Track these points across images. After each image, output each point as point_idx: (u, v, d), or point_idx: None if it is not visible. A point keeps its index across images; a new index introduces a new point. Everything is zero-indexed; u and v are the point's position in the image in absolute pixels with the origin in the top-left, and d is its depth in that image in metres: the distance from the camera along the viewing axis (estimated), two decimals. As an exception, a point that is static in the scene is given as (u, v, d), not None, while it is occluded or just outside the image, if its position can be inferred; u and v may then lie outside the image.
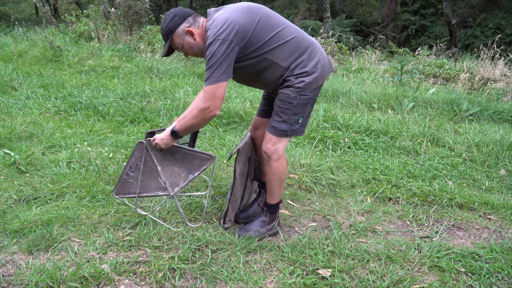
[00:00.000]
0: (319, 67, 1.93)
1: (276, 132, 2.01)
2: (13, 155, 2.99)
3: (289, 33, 1.90)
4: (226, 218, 2.27)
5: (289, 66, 1.90)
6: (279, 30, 1.88)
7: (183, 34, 1.90)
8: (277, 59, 1.89)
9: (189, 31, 1.89)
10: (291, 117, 1.97)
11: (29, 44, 7.06)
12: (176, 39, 1.92)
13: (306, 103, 1.97)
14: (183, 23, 1.90)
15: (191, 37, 1.91)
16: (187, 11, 1.93)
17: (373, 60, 8.13)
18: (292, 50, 1.89)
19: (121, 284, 1.80)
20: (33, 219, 2.23)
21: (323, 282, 1.86)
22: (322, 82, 2.00)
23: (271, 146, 2.02)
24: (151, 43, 7.50)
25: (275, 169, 2.07)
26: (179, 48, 1.96)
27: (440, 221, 2.50)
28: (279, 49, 1.87)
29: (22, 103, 4.36)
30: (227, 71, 1.80)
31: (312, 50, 1.93)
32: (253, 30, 1.82)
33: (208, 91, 1.82)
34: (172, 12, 1.92)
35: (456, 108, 4.74)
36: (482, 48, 7.41)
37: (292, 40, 1.89)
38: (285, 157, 2.10)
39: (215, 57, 1.77)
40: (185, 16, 1.91)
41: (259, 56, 1.88)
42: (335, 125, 3.98)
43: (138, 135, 3.66)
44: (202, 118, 1.88)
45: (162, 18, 1.97)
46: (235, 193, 2.26)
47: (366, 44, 12.26)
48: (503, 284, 1.91)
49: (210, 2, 22.58)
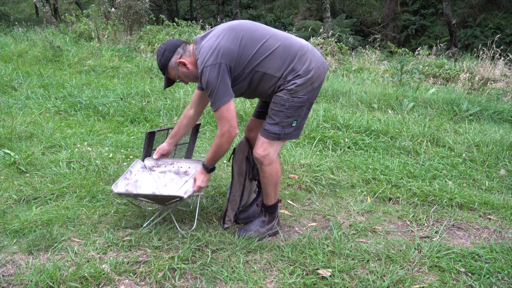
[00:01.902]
0: (312, 69, 1.92)
1: (268, 135, 1.99)
2: (13, 155, 2.99)
3: (274, 43, 1.92)
4: (226, 218, 2.27)
5: (282, 74, 1.92)
6: (264, 42, 1.91)
7: (176, 66, 1.98)
8: (268, 70, 1.92)
9: (181, 62, 1.96)
10: (283, 120, 1.95)
11: (29, 44, 7.06)
12: (171, 71, 2.00)
13: (300, 106, 1.95)
14: (173, 55, 1.97)
15: (184, 67, 1.98)
16: (176, 43, 1.99)
17: (373, 60, 8.13)
18: (281, 58, 1.91)
19: (121, 284, 1.80)
20: (33, 219, 2.23)
21: (323, 282, 1.86)
22: (318, 84, 1.98)
23: (261, 151, 2.01)
24: (151, 43, 7.50)
25: (268, 174, 2.07)
26: (176, 79, 2.04)
27: (440, 221, 2.50)
28: (268, 59, 1.91)
29: (22, 103, 4.36)
30: (227, 92, 1.86)
31: (302, 54, 1.93)
32: (238, 48, 1.87)
33: (219, 117, 1.90)
34: (162, 47, 1.99)
35: (456, 108, 4.74)
36: (482, 48, 7.41)
37: (279, 49, 1.91)
38: (277, 160, 2.09)
39: (210, 83, 1.84)
40: (175, 49, 1.97)
41: (250, 72, 1.92)
42: (335, 125, 3.98)
43: (138, 135, 3.66)
44: (225, 141, 1.94)
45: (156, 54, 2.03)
46: (233, 192, 2.26)
47: (366, 44, 12.26)
48: (503, 284, 1.91)
49: (210, 2, 22.58)
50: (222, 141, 1.94)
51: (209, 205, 2.52)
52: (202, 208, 2.48)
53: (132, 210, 2.41)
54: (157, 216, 2.30)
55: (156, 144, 2.53)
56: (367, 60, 8.16)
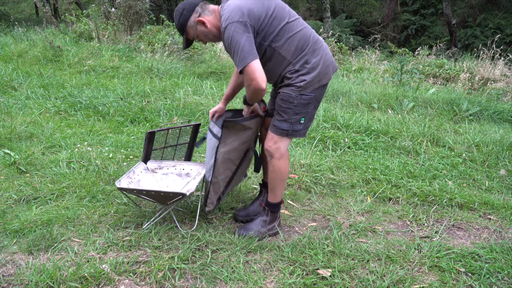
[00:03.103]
0: (320, 64, 1.94)
1: (277, 131, 2.02)
2: (13, 155, 2.99)
3: (297, 26, 1.92)
4: (208, 200, 2.19)
5: (294, 60, 1.92)
6: (290, 21, 1.91)
7: (195, 25, 1.95)
8: (283, 51, 1.91)
9: (200, 21, 1.94)
10: (292, 117, 1.97)
11: (29, 44, 7.06)
12: (190, 31, 1.97)
13: (308, 103, 1.97)
14: (192, 14, 1.94)
15: (203, 25, 1.95)
16: (194, 2, 1.97)
17: (373, 60, 8.13)
18: (299, 43, 1.91)
19: (121, 284, 1.80)
20: (33, 219, 2.23)
21: (323, 282, 1.86)
22: (326, 82, 2.00)
23: (272, 144, 2.03)
24: (151, 43, 7.50)
25: (277, 168, 2.07)
26: (195, 39, 2.00)
27: (440, 221, 2.50)
28: (287, 40, 1.90)
29: (22, 103, 4.36)
30: (252, 51, 1.79)
31: (316, 47, 1.95)
32: (265, 17, 1.85)
33: (244, 76, 1.83)
34: (181, 6, 1.97)
35: (456, 108, 4.74)
36: (482, 48, 7.41)
37: (300, 33, 1.92)
38: (287, 156, 2.10)
39: (235, 40, 1.78)
40: (193, 7, 1.95)
41: (268, 45, 1.90)
42: (335, 125, 3.98)
43: (138, 135, 3.66)
44: (253, 92, 1.88)
45: (174, 14, 2.02)
46: (216, 175, 2.16)
47: (366, 44, 12.26)
48: (503, 284, 1.91)
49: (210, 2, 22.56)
50: (250, 92, 1.89)
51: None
52: (202, 208, 2.48)
53: (132, 210, 2.41)
54: (157, 216, 2.30)
55: (156, 144, 2.53)
56: (367, 60, 8.16)
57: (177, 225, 2.22)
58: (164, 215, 2.34)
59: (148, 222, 2.25)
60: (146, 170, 2.46)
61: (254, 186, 2.81)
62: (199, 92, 4.95)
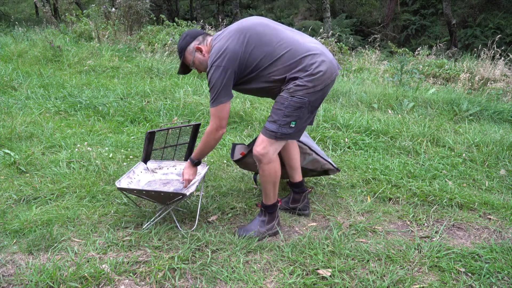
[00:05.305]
0: (315, 73, 1.93)
1: (266, 133, 2.02)
2: (13, 155, 2.99)
3: (280, 50, 1.96)
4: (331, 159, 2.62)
5: (285, 78, 1.97)
6: (271, 48, 1.96)
7: (193, 51, 2.08)
8: (273, 75, 1.98)
9: (198, 48, 2.07)
10: (281, 118, 1.98)
11: (29, 44, 7.06)
12: (188, 56, 2.10)
13: (299, 107, 1.95)
14: (193, 41, 2.09)
15: (200, 53, 2.08)
16: (198, 31, 2.12)
17: (373, 60, 8.12)
18: (286, 64, 1.96)
19: (121, 284, 1.80)
20: (33, 219, 2.23)
21: (323, 282, 1.86)
22: (322, 87, 1.97)
23: (261, 149, 2.03)
24: (151, 43, 7.50)
25: (266, 172, 2.08)
26: (191, 65, 2.12)
27: (440, 221, 2.50)
28: (273, 65, 1.97)
29: (22, 103, 4.36)
30: (227, 94, 1.96)
31: (308, 61, 1.94)
32: (244, 54, 1.95)
33: (213, 114, 1.99)
34: (185, 32, 2.13)
35: (456, 108, 4.74)
36: (482, 48, 7.41)
37: (286, 55, 1.96)
38: (276, 159, 2.10)
39: (214, 82, 1.93)
40: (196, 36, 2.10)
41: (256, 75, 2.00)
42: (335, 125, 3.98)
43: (138, 135, 3.66)
44: (212, 138, 2.05)
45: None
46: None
47: (366, 44, 12.26)
48: (503, 284, 1.91)
49: (210, 2, 22.58)
50: (209, 138, 2.05)
51: (209, 205, 2.52)
52: (202, 208, 2.48)
53: (132, 210, 2.41)
54: (157, 216, 2.30)
55: (156, 144, 2.53)
56: (367, 60, 8.16)
57: (177, 225, 2.22)
58: (164, 215, 2.34)
59: (148, 222, 2.25)
60: (146, 170, 2.47)
61: (254, 186, 2.81)
62: (199, 92, 4.95)
